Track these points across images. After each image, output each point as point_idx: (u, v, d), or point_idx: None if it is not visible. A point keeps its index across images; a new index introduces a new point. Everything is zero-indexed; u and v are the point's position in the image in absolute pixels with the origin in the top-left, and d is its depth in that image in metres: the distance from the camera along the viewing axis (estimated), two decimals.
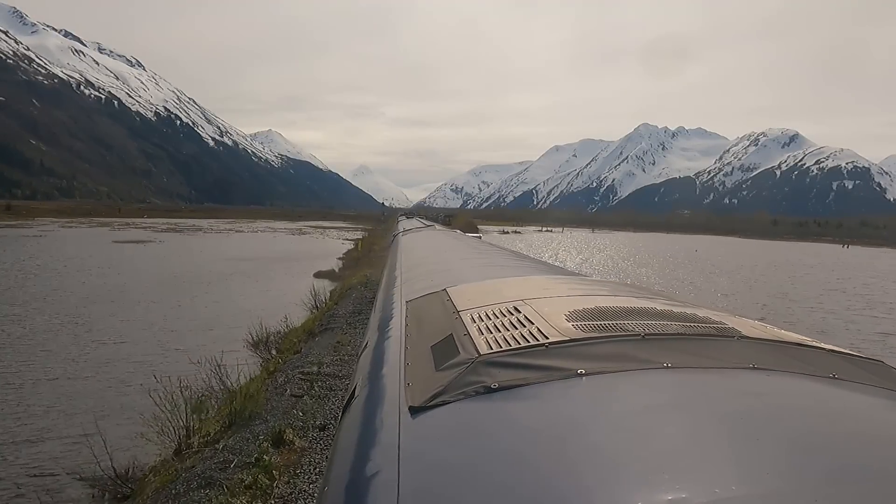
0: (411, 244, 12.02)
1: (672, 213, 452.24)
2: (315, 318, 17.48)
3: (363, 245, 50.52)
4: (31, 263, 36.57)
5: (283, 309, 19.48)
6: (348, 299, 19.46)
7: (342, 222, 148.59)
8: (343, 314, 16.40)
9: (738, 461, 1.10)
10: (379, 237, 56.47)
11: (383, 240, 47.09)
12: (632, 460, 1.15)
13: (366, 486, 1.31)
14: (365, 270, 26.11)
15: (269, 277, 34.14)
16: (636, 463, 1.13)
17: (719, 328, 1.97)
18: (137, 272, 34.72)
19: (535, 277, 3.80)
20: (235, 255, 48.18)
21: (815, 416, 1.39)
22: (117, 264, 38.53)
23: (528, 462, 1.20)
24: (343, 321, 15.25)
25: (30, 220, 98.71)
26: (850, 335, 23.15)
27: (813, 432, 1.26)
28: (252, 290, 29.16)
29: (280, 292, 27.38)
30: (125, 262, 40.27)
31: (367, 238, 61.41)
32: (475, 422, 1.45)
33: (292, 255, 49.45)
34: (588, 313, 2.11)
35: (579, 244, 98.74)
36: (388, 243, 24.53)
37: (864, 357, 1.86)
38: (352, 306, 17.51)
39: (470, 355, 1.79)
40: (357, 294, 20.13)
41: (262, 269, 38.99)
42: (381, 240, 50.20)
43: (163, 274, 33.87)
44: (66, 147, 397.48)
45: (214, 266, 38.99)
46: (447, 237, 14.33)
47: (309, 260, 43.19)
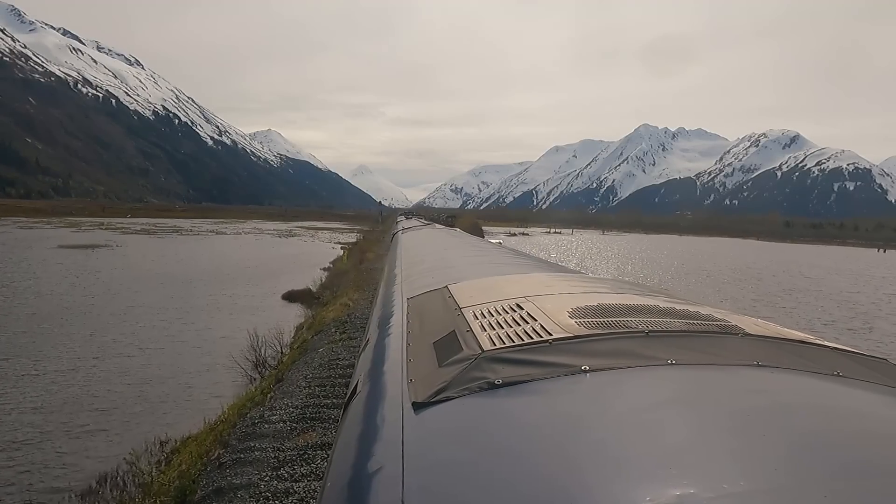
0: (411, 242, 11.88)
1: (680, 213, 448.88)
2: (225, 425, 8.54)
3: (352, 254, 42.31)
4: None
5: (196, 383, 12.91)
6: (311, 356, 11.67)
7: (338, 223, 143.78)
8: (283, 411, 8.21)
9: (743, 457, 1.09)
10: (374, 242, 49.55)
11: (379, 245, 41.36)
12: (637, 457, 1.14)
13: (370, 482, 1.30)
14: (351, 294, 19.85)
15: (216, 307, 23.21)
16: (641, 459, 1.13)
17: (723, 325, 1.97)
18: (12, 296, 23.69)
19: (536, 275, 3.79)
20: (193, 268, 36.68)
21: (820, 413, 1.39)
22: (8, 282, 27.33)
23: (533, 458, 1.19)
24: (280, 427, 7.54)
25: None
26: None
27: (817, 429, 1.26)
28: (173, 333, 18.21)
29: (214, 339, 17.50)
30: (22, 278, 28.76)
31: (360, 244, 53.97)
32: (479, 417, 1.45)
33: (267, 267, 38.93)
34: (591, 310, 2.10)
35: (599, 248, 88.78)
36: (388, 241, 24.43)
37: (869, 355, 1.85)
38: (311, 376, 9.80)
39: (473, 351, 1.78)
40: (327, 345, 12.10)
41: (216, 290, 27.27)
42: (376, 245, 43.34)
43: (45, 306, 21.69)
44: (62, 145, 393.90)
45: (149, 286, 27.72)
46: (447, 235, 13.91)
47: (285, 274, 33.75)
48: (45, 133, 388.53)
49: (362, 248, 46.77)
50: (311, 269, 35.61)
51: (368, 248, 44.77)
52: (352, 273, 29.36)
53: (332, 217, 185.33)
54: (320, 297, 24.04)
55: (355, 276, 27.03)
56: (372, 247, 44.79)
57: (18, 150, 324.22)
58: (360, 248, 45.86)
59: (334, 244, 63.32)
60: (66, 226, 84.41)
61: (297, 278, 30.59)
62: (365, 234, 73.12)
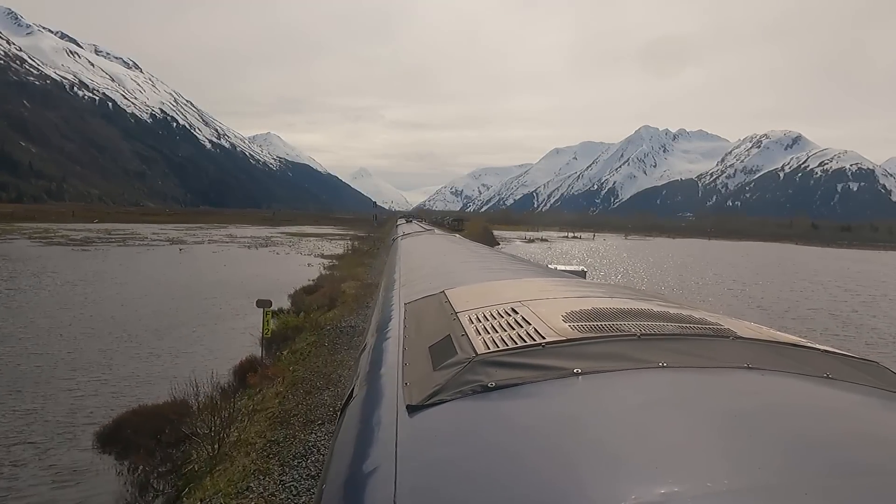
0: (410, 248, 12.15)
1: (691, 215, 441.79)
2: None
3: (324, 283, 28.02)
4: None
5: None
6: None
7: (332, 227, 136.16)
8: None
9: (731, 458, 1.11)
10: (364, 255, 39.60)
11: (369, 265, 31.39)
12: (627, 458, 1.15)
13: (364, 482, 1.32)
14: (264, 435, 9.23)
15: None
16: (632, 460, 1.14)
17: (715, 329, 1.98)
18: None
19: (532, 280, 3.87)
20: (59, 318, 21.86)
21: (809, 414, 1.40)
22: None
23: (525, 459, 1.20)
24: None
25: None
26: None
27: (807, 431, 1.27)
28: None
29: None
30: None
31: (347, 259, 39.98)
32: (472, 420, 1.46)
33: (186, 310, 24.60)
34: (584, 314, 2.12)
35: (653, 259, 72.09)
36: (389, 245, 21.76)
37: (859, 357, 1.86)
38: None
39: (467, 355, 1.80)
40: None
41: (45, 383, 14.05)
42: (367, 261, 32.26)
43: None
44: (57, 148, 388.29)
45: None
46: (446, 241, 14.14)
47: (199, 326, 21.37)
48: (39, 136, 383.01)
49: (346, 267, 33.27)
50: (232, 321, 22.21)
51: (353, 267, 31.93)
52: (305, 338, 16.39)
53: (328, 221, 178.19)
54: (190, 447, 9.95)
55: (313, 339, 15.53)
56: (358, 266, 32.33)
57: (11, 153, 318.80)
58: (343, 269, 32.00)
59: (315, 256, 50.64)
60: (8, 232, 70.84)
61: (224, 341, 18.45)
62: (357, 241, 65.36)
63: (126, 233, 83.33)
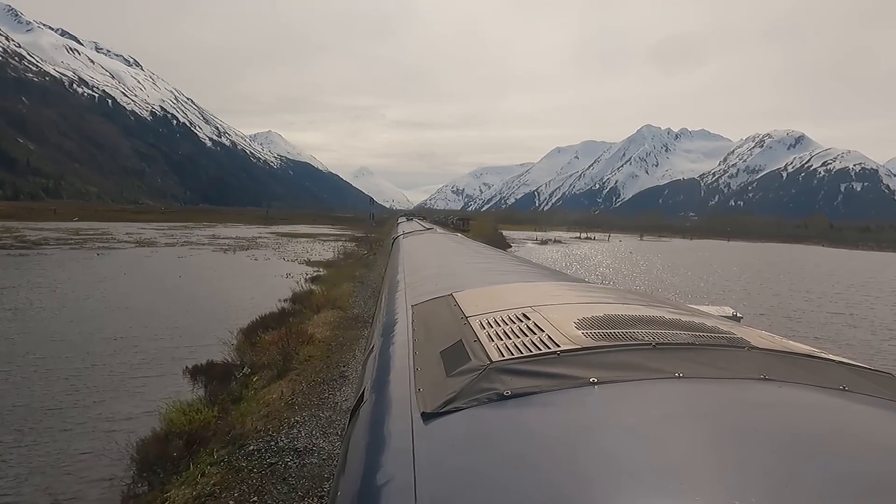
0: (412, 247, 12.23)
1: (710, 215, 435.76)
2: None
3: (274, 349, 13.48)
4: None
5: None
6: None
7: (329, 227, 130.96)
8: None
9: (749, 472, 1.10)
10: (357, 265, 33.10)
11: (362, 280, 26.10)
12: (644, 470, 1.15)
13: (381, 491, 1.31)
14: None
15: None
16: (649, 473, 1.14)
17: (729, 338, 1.97)
18: None
19: (541, 283, 3.81)
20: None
21: (826, 428, 1.40)
22: None
23: (543, 470, 1.20)
24: None
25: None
26: None
27: (823, 444, 1.27)
28: None
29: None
30: None
31: (336, 269, 32.97)
32: (489, 428, 1.45)
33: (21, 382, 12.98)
34: (598, 321, 2.12)
35: (724, 271, 56.20)
36: (389, 247, 21.56)
37: (875, 370, 1.86)
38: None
39: (482, 362, 1.79)
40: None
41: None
42: (350, 284, 24.84)
43: None
44: (55, 146, 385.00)
45: None
46: (447, 240, 14.07)
47: None
48: (37, 133, 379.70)
49: (330, 281, 26.63)
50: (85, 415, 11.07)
51: (339, 283, 25.31)
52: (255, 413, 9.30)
53: (325, 220, 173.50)
54: None
55: None
56: (345, 282, 25.77)
57: (9, 150, 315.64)
58: (325, 285, 25.15)
59: (298, 264, 42.62)
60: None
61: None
62: (353, 242, 60.92)
63: (96, 233, 72.86)
